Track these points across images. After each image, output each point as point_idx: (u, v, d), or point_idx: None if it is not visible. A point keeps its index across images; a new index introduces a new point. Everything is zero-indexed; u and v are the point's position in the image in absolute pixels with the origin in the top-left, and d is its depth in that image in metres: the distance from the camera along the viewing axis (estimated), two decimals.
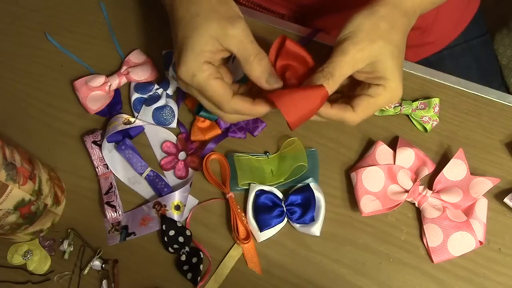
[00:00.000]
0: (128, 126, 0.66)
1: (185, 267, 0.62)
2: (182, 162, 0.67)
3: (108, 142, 0.67)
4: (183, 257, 0.63)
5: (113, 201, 0.65)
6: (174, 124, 0.69)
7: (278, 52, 0.57)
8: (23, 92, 0.74)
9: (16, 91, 0.74)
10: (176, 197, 0.64)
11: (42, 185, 0.62)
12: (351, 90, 0.59)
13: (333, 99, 0.58)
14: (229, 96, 0.55)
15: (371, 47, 0.53)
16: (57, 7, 0.78)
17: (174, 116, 0.69)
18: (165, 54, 0.72)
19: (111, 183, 0.67)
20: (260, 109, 0.55)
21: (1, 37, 0.77)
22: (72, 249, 0.65)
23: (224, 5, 0.54)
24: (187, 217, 0.65)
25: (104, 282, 0.63)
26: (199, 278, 0.61)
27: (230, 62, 0.67)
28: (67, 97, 0.72)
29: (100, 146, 0.68)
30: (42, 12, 0.78)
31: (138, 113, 0.69)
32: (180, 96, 0.70)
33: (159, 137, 0.69)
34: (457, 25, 0.85)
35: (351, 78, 0.57)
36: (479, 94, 0.68)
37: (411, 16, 0.56)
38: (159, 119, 0.68)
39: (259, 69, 0.54)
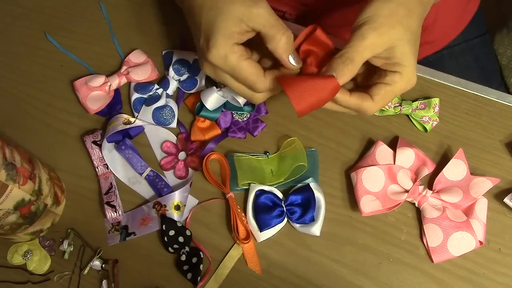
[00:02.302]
0: (128, 126, 0.66)
1: (185, 267, 0.62)
2: (182, 162, 0.67)
3: (108, 142, 0.67)
4: (183, 257, 0.63)
5: (113, 201, 0.65)
6: (174, 124, 0.69)
7: (305, 38, 0.58)
8: (23, 92, 0.74)
9: (16, 91, 0.74)
10: (176, 197, 0.64)
11: (42, 185, 0.61)
12: (366, 79, 0.59)
13: (349, 89, 0.58)
14: (262, 74, 0.55)
15: (390, 33, 0.53)
16: (57, 7, 0.78)
17: (174, 116, 0.69)
18: (165, 54, 0.72)
19: (111, 183, 0.67)
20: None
21: (1, 37, 0.77)
22: (72, 249, 0.65)
23: None
24: (187, 217, 0.65)
25: (104, 282, 0.63)
26: (199, 278, 0.61)
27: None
28: (67, 97, 0.72)
29: (100, 146, 0.68)
30: (42, 12, 0.78)
31: (138, 113, 0.69)
32: (180, 96, 0.71)
33: (159, 137, 0.69)
34: (457, 24, 0.85)
35: (367, 66, 0.57)
36: (479, 94, 0.68)
37: (426, 4, 0.56)
38: (159, 119, 0.68)
39: (285, 46, 0.54)
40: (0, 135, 0.65)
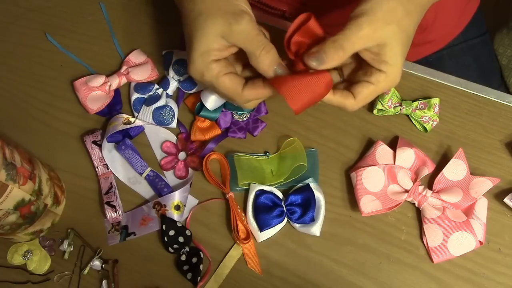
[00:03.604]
0: (128, 126, 0.66)
1: (185, 267, 0.62)
2: (182, 162, 0.67)
3: (108, 142, 0.67)
4: (183, 257, 0.63)
5: (113, 201, 0.65)
6: (174, 124, 0.69)
7: (298, 28, 0.56)
8: (23, 92, 0.74)
9: (16, 91, 0.74)
10: (176, 197, 0.64)
11: (42, 185, 0.61)
12: (352, 73, 0.59)
13: (335, 84, 0.59)
14: (239, 89, 0.56)
15: (385, 29, 0.53)
16: (57, 7, 0.78)
17: (174, 116, 0.69)
18: (165, 54, 0.72)
19: (111, 183, 0.67)
20: (270, 91, 0.56)
21: (1, 37, 0.77)
22: (72, 249, 0.65)
23: (227, 1, 0.55)
24: (187, 217, 0.65)
25: (104, 282, 0.63)
26: (199, 278, 0.61)
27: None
28: (67, 97, 0.72)
29: (100, 146, 0.68)
30: (42, 12, 0.78)
31: (138, 113, 0.69)
32: (180, 96, 0.70)
33: (159, 137, 0.69)
34: (456, 24, 0.85)
35: (355, 59, 0.57)
36: (479, 94, 0.68)
37: (424, 6, 0.57)
38: (159, 119, 0.68)
39: (266, 62, 0.54)
40: (0, 135, 0.65)
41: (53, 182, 0.65)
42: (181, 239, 0.63)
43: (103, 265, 0.64)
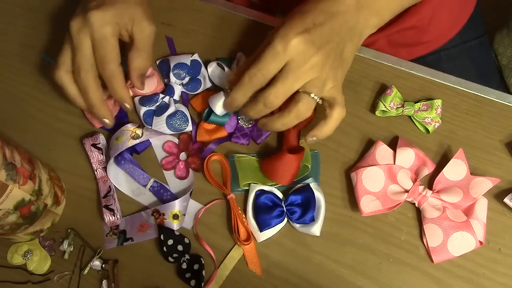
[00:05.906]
0: (136, 142, 0.64)
1: (187, 275, 0.62)
2: (183, 163, 0.67)
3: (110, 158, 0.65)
4: (184, 265, 0.62)
5: (111, 204, 0.65)
6: (189, 127, 0.67)
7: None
8: (23, 92, 0.74)
9: (16, 91, 0.74)
10: (176, 206, 0.63)
11: (42, 185, 0.61)
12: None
13: None
14: (117, 59, 0.60)
15: (286, 48, 0.54)
16: (57, 7, 0.78)
17: (187, 119, 0.67)
18: (159, 63, 0.71)
19: (109, 187, 0.66)
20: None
21: (1, 37, 0.77)
22: (72, 249, 0.65)
23: (149, 6, 0.64)
24: (194, 222, 0.64)
25: (104, 282, 0.63)
26: (203, 284, 0.61)
27: (234, 64, 0.68)
28: (67, 98, 0.72)
29: (99, 149, 0.67)
30: (42, 12, 0.78)
31: (151, 126, 0.67)
32: (185, 99, 0.69)
33: (161, 137, 0.69)
34: (453, 24, 0.85)
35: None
36: (479, 94, 0.68)
37: None
38: (174, 127, 0.67)
39: (142, 62, 0.63)
40: (0, 135, 0.65)
41: (53, 182, 0.65)
42: (180, 247, 0.62)
43: (103, 265, 0.64)
